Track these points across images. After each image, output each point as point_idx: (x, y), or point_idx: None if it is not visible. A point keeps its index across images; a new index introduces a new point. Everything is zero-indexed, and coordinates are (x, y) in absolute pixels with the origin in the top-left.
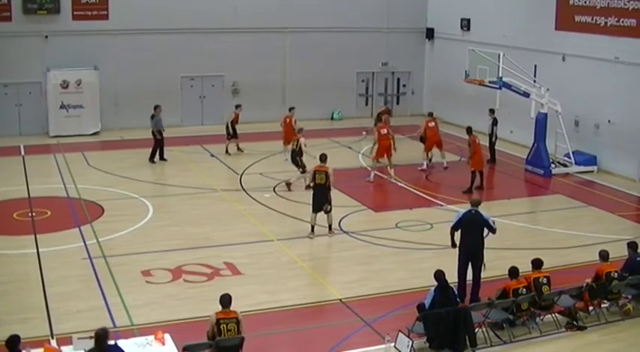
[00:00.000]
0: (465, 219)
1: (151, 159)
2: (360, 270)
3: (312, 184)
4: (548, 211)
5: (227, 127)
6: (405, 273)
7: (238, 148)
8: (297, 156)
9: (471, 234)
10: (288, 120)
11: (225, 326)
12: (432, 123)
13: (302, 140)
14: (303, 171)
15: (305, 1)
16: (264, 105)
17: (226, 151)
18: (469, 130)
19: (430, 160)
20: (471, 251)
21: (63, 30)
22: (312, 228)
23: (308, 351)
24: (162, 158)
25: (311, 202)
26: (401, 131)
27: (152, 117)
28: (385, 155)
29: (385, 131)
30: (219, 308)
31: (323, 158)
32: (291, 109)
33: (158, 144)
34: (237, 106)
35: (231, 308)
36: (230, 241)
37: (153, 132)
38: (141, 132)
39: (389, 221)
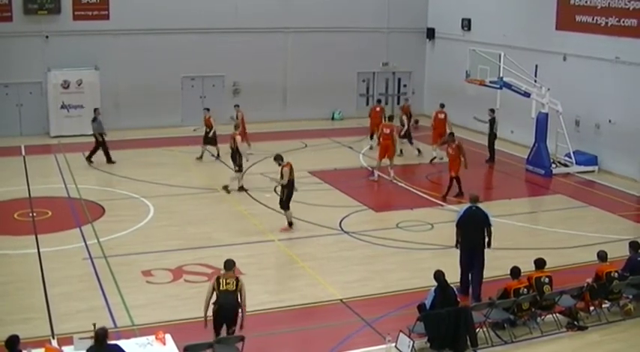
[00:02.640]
0: (466, 215)
1: (89, 158)
2: (361, 270)
3: (282, 182)
4: (549, 211)
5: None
6: (406, 273)
7: (217, 156)
8: (236, 155)
9: (473, 231)
10: (241, 116)
11: (224, 280)
12: (442, 115)
13: (238, 138)
14: (238, 171)
15: (306, 1)
16: (265, 106)
17: (200, 156)
18: (451, 136)
19: (435, 151)
20: (472, 247)
21: (64, 30)
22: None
23: (309, 351)
24: (109, 160)
25: (285, 198)
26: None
27: (93, 120)
28: (386, 155)
29: (388, 131)
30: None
31: (279, 158)
32: (235, 106)
33: (99, 146)
34: (206, 109)
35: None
36: (231, 241)
37: (94, 135)
38: (142, 132)
39: (390, 221)
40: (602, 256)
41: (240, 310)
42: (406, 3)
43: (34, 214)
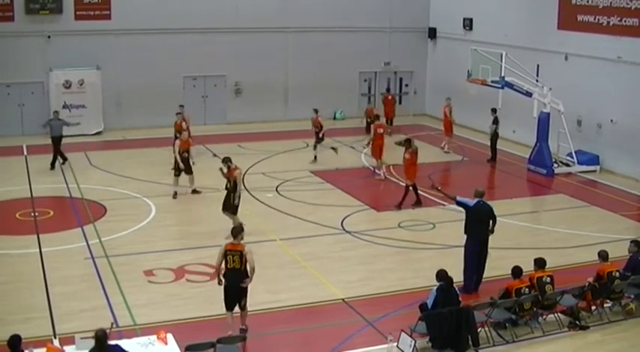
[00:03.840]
0: (475, 207)
1: (53, 164)
2: (363, 270)
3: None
4: (551, 211)
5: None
6: (408, 273)
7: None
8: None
9: (482, 224)
10: (184, 118)
11: (231, 257)
12: (447, 109)
13: (176, 142)
14: (184, 174)
15: (307, 1)
16: (267, 105)
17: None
18: (407, 141)
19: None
20: (482, 240)
21: (65, 30)
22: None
23: (310, 351)
24: (52, 166)
25: (234, 203)
26: (403, 131)
27: (50, 123)
28: (379, 154)
29: (381, 130)
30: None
31: (227, 160)
32: (181, 106)
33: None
34: (178, 113)
35: (241, 242)
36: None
37: (57, 138)
38: (143, 132)
39: (391, 220)
40: (603, 256)
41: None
42: (408, 3)
43: (36, 214)
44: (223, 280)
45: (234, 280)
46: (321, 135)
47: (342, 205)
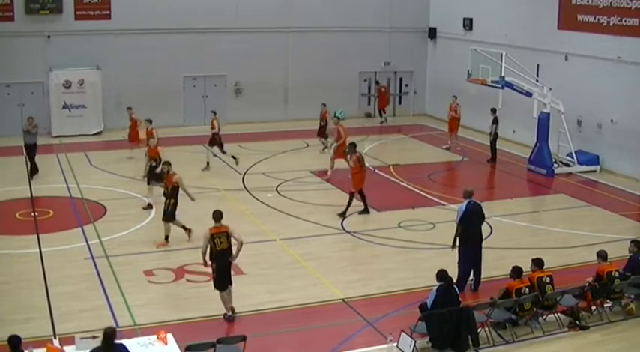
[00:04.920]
0: (469, 211)
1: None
2: (363, 270)
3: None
4: (551, 211)
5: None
6: (408, 273)
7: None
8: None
9: (476, 226)
10: (135, 120)
11: (218, 239)
12: (454, 106)
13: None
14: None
15: (307, 1)
16: (266, 105)
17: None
18: (351, 147)
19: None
20: (477, 242)
21: (65, 30)
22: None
23: (310, 351)
24: (33, 172)
25: (171, 209)
26: (404, 130)
27: (27, 131)
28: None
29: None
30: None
31: (168, 163)
32: (128, 109)
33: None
34: (149, 121)
35: (222, 224)
36: (232, 241)
37: (32, 146)
38: (143, 132)
39: (391, 220)
40: (602, 255)
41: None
42: (408, 2)
43: (36, 214)
44: (211, 262)
45: (226, 260)
46: (324, 130)
47: (342, 205)
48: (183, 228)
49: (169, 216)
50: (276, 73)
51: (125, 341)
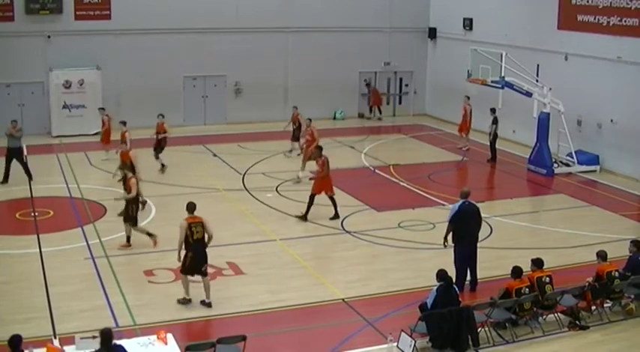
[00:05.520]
0: (461, 210)
1: (6, 179)
2: (363, 270)
3: (130, 196)
4: (551, 211)
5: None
6: (408, 273)
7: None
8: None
9: (471, 225)
10: (106, 121)
11: (195, 229)
12: (467, 108)
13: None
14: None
15: (307, 1)
16: (267, 105)
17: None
18: (318, 150)
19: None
20: (471, 242)
21: (65, 30)
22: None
23: (310, 351)
24: (6, 179)
25: (132, 213)
26: (404, 130)
27: (10, 135)
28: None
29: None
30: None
31: (124, 167)
32: (101, 110)
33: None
34: (123, 123)
35: (196, 215)
36: (232, 241)
37: (17, 150)
38: (143, 132)
39: (391, 220)
40: (602, 255)
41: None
42: (408, 2)
43: (36, 214)
44: (187, 251)
45: (202, 248)
46: (297, 134)
47: (342, 205)
48: (148, 234)
49: (131, 220)
50: (276, 73)
51: (125, 341)
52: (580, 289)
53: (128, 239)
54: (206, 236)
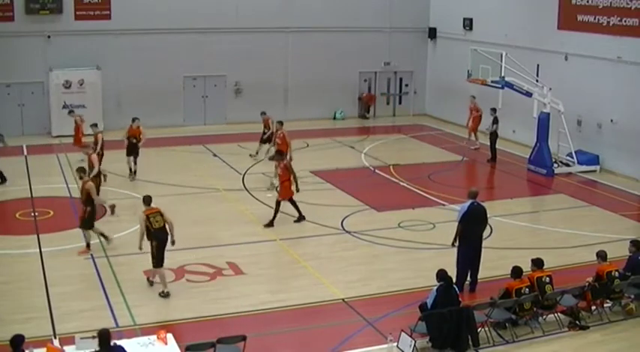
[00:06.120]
0: (470, 211)
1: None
2: (363, 270)
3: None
4: (551, 211)
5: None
6: (408, 273)
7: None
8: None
9: (476, 227)
10: (79, 121)
11: (154, 218)
12: (474, 107)
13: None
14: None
15: (307, 1)
16: (266, 105)
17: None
18: (278, 154)
19: (475, 140)
20: (475, 244)
21: (65, 30)
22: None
23: (310, 351)
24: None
25: (89, 217)
26: (404, 130)
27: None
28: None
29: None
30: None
31: (81, 170)
32: (70, 112)
33: None
34: (94, 125)
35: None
36: (232, 241)
37: None
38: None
39: (391, 220)
40: (602, 256)
41: (170, 236)
42: (408, 2)
43: (36, 214)
44: (150, 242)
45: (164, 237)
46: (265, 137)
47: (342, 205)
48: (102, 235)
49: (87, 223)
50: (276, 73)
51: (125, 341)
52: (580, 289)
53: (88, 245)
54: (167, 225)
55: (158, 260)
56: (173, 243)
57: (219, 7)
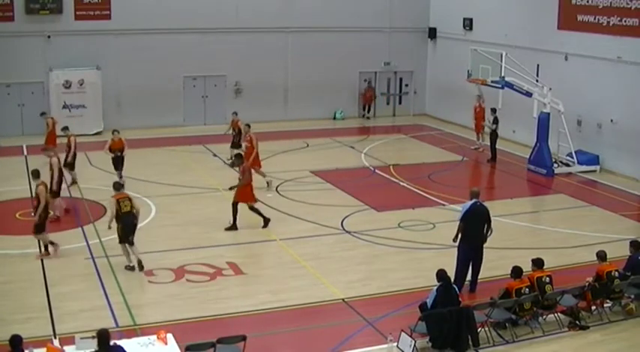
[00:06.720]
0: (472, 210)
1: None
2: (363, 270)
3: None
4: (551, 211)
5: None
6: (408, 273)
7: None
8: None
9: (477, 226)
10: (51, 123)
11: (123, 203)
12: (479, 106)
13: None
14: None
15: (307, 1)
16: (266, 105)
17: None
18: (238, 158)
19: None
20: (475, 244)
21: (65, 30)
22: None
23: (310, 351)
24: None
25: (41, 221)
26: (404, 130)
27: None
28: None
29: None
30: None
31: (35, 173)
32: (42, 114)
33: None
34: (65, 128)
35: (125, 192)
36: (232, 241)
37: None
38: (144, 132)
39: (391, 220)
40: (601, 256)
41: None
42: (408, 3)
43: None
44: (117, 224)
45: (132, 220)
46: (237, 140)
47: (342, 205)
48: (50, 243)
49: (39, 227)
50: (276, 73)
51: (125, 341)
52: (580, 289)
53: (46, 247)
54: (134, 210)
55: (122, 238)
56: (136, 221)
57: (219, 7)
